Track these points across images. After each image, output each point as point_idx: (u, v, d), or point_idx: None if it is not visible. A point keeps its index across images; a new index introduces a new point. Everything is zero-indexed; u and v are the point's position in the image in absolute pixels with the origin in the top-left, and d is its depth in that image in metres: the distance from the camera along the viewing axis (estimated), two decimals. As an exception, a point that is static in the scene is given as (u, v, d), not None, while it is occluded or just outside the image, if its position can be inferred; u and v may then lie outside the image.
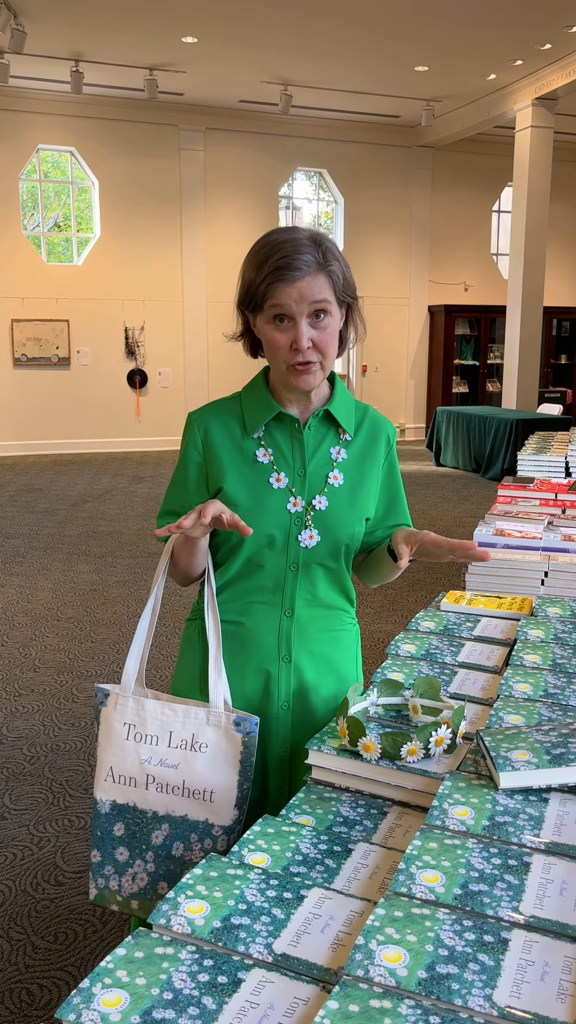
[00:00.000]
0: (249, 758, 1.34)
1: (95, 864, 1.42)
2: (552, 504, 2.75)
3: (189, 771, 1.35)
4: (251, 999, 0.77)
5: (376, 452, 1.54)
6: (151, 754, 1.38)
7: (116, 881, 1.40)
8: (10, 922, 2.32)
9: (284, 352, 1.39)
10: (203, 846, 1.34)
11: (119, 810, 1.40)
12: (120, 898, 1.40)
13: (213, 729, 1.36)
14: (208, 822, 1.34)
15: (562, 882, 0.92)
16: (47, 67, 9.58)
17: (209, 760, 1.35)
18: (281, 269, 1.34)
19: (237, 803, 1.34)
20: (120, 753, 1.40)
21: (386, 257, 12.66)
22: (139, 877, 1.38)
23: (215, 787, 1.34)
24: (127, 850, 1.39)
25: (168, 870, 1.36)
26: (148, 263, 11.52)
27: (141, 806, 1.38)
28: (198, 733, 1.36)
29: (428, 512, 7.82)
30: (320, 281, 1.35)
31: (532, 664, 1.51)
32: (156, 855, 1.37)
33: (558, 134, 11.38)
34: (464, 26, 8.24)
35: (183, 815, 1.35)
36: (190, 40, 8.69)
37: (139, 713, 1.40)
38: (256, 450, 1.48)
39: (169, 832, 1.36)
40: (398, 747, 1.17)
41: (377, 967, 0.79)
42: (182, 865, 1.35)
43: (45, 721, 3.55)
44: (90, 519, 7.47)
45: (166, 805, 1.36)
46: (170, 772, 1.36)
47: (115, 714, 1.41)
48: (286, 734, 1.50)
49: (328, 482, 1.49)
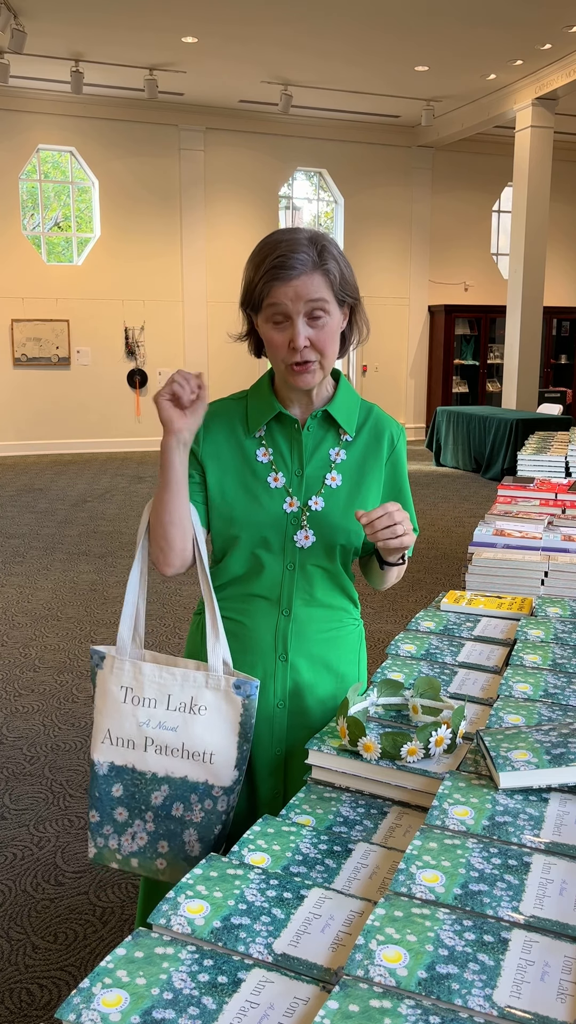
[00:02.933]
0: (249, 720, 1.35)
1: (94, 824, 1.42)
2: (552, 504, 2.75)
3: (188, 733, 1.36)
4: (251, 999, 0.77)
5: (378, 452, 1.53)
6: (149, 717, 1.38)
7: (115, 840, 1.41)
8: (10, 922, 2.32)
9: (283, 351, 1.40)
10: (203, 806, 1.34)
11: (117, 771, 1.40)
12: (120, 857, 1.41)
13: (212, 692, 1.36)
14: (208, 783, 1.35)
15: (562, 882, 0.92)
16: (47, 67, 9.58)
17: (208, 722, 1.35)
18: (276, 268, 1.35)
19: (237, 764, 1.35)
20: (118, 716, 1.41)
21: (386, 257, 12.65)
22: (139, 836, 1.39)
23: (215, 749, 1.34)
24: (126, 810, 1.40)
25: (168, 830, 1.36)
26: (148, 263, 11.51)
27: (140, 768, 1.38)
28: (197, 696, 1.36)
29: (428, 512, 7.82)
30: (316, 280, 1.36)
31: (532, 664, 1.51)
32: (156, 815, 1.37)
33: (558, 134, 11.38)
34: (464, 26, 8.24)
35: (183, 776, 1.36)
36: (190, 40, 8.69)
37: (137, 676, 1.40)
38: (257, 449, 1.49)
39: (169, 793, 1.37)
40: (398, 747, 1.17)
41: (377, 967, 0.79)
42: (183, 825, 1.35)
43: (45, 721, 3.55)
44: (90, 519, 7.47)
45: (165, 767, 1.37)
46: (169, 735, 1.37)
47: (112, 677, 1.42)
48: (281, 734, 1.50)
49: (325, 483, 1.49)
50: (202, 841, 1.35)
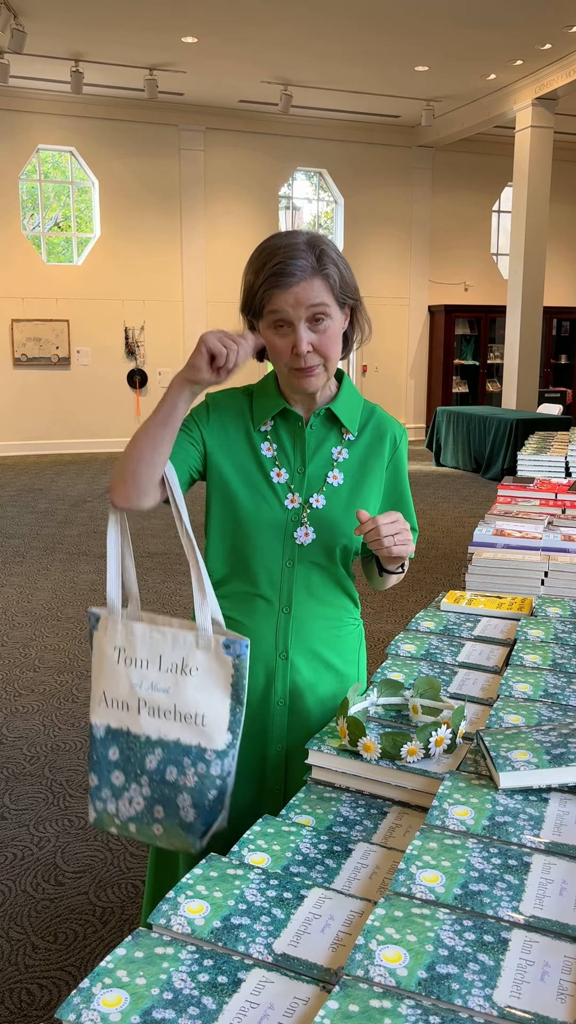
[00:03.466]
0: (240, 681, 1.31)
1: (93, 788, 1.41)
2: (552, 504, 2.75)
3: (180, 695, 1.32)
4: (251, 999, 0.77)
5: (380, 453, 1.54)
6: (142, 678, 1.35)
7: (113, 805, 1.39)
8: (10, 922, 2.32)
9: (286, 356, 1.41)
10: (196, 770, 1.31)
11: (113, 735, 1.39)
12: (118, 821, 1.39)
13: (202, 652, 1.32)
14: (200, 746, 1.31)
15: (562, 882, 0.92)
16: (47, 67, 9.58)
17: (199, 683, 1.32)
18: (276, 276, 1.35)
19: (230, 727, 1.31)
20: (112, 678, 1.38)
21: (386, 257, 12.65)
22: (135, 801, 1.37)
23: (206, 711, 1.31)
24: (122, 774, 1.38)
25: (163, 794, 1.34)
26: (148, 263, 11.51)
27: (134, 731, 1.36)
28: (188, 656, 1.33)
29: (428, 512, 7.82)
30: (316, 285, 1.36)
31: (532, 664, 1.51)
32: (151, 779, 1.35)
33: (558, 134, 11.38)
34: (464, 26, 8.24)
35: (175, 739, 1.32)
36: (190, 40, 8.69)
37: (128, 637, 1.38)
38: (262, 443, 1.49)
39: (163, 757, 1.34)
40: (398, 747, 1.17)
41: (377, 967, 0.79)
42: (176, 790, 1.32)
43: (45, 721, 3.55)
44: (90, 519, 7.47)
45: (158, 729, 1.34)
46: (161, 696, 1.34)
47: (106, 638, 1.40)
48: (282, 731, 1.50)
49: (327, 481, 1.49)
50: (196, 807, 1.31)
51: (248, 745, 1.50)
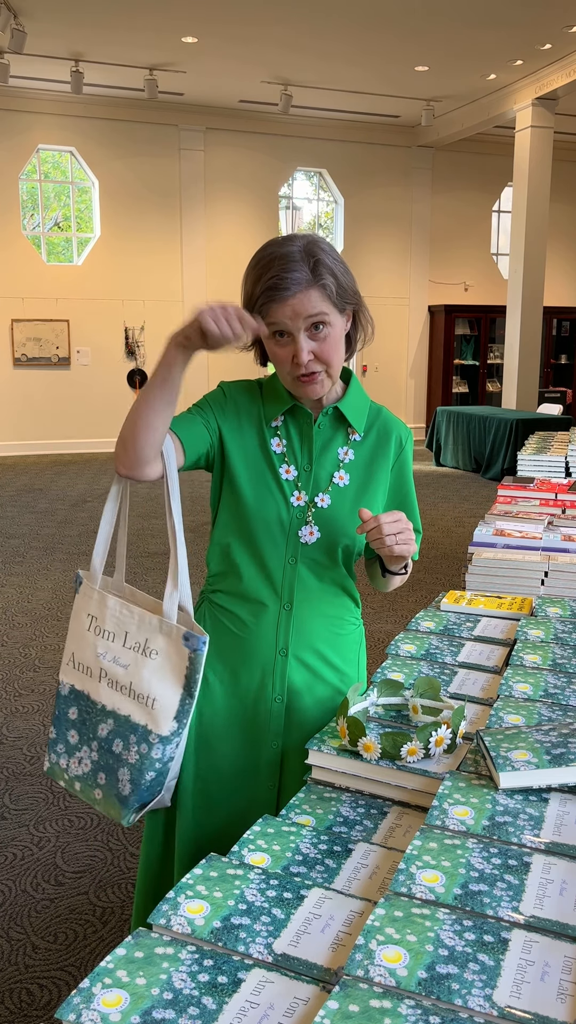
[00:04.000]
0: (194, 675, 1.33)
1: (51, 740, 1.46)
2: (552, 504, 2.75)
3: (137, 674, 1.36)
4: (251, 999, 0.77)
5: (386, 454, 1.54)
6: (107, 649, 1.39)
7: (65, 760, 1.44)
8: (10, 922, 2.32)
9: (287, 365, 1.41)
10: (139, 750, 1.34)
11: (75, 695, 1.43)
12: (67, 777, 1.45)
13: (164, 638, 1.35)
14: (147, 728, 1.34)
15: (562, 882, 0.92)
16: (47, 67, 9.58)
17: (157, 667, 1.35)
18: (272, 289, 1.35)
19: (177, 716, 1.33)
20: (81, 642, 1.42)
21: (386, 257, 12.65)
22: (84, 762, 1.41)
23: (158, 695, 1.34)
24: (77, 734, 1.43)
25: (107, 763, 1.37)
26: (148, 263, 11.51)
27: (93, 697, 1.40)
28: (151, 639, 1.36)
29: (428, 512, 7.82)
30: (313, 295, 1.36)
31: (532, 664, 1.51)
32: (100, 746, 1.39)
33: (558, 134, 11.38)
34: (464, 26, 8.24)
35: (127, 715, 1.36)
36: (190, 40, 8.69)
37: (101, 607, 1.41)
38: (272, 438, 1.50)
39: (113, 728, 1.37)
40: (398, 747, 1.17)
41: (377, 967, 0.79)
42: (119, 762, 1.36)
43: (45, 721, 3.55)
44: (90, 519, 7.47)
45: (114, 702, 1.38)
46: (121, 671, 1.37)
47: (83, 603, 1.43)
48: (278, 729, 1.50)
49: (333, 481, 1.50)
50: (133, 783, 1.34)
51: (244, 742, 1.50)
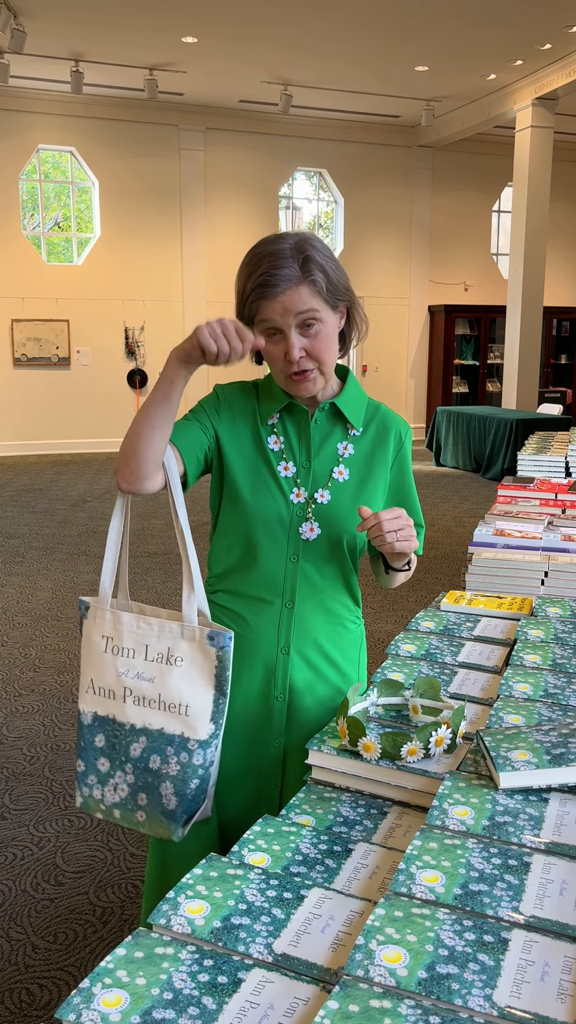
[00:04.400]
0: (224, 672, 1.33)
1: (80, 773, 1.44)
2: (552, 504, 2.75)
3: (165, 685, 1.35)
4: (251, 999, 0.77)
5: (385, 450, 1.54)
6: (128, 667, 1.38)
7: (99, 790, 1.42)
8: (10, 922, 2.32)
9: (280, 363, 1.41)
10: (179, 759, 1.33)
11: (100, 721, 1.41)
12: (103, 807, 1.42)
13: (187, 643, 1.35)
14: (184, 736, 1.33)
15: (562, 882, 0.92)
16: (47, 67, 9.58)
17: (184, 674, 1.34)
18: (262, 286, 1.35)
19: (213, 717, 1.33)
20: (99, 665, 1.41)
21: (386, 257, 12.65)
22: (120, 788, 1.39)
23: (190, 701, 1.33)
24: (108, 761, 1.41)
25: (146, 782, 1.36)
26: (148, 263, 11.51)
27: (120, 719, 1.39)
28: (173, 647, 1.35)
29: (428, 512, 7.82)
30: (303, 292, 1.36)
31: (532, 664, 1.51)
32: (135, 767, 1.37)
33: (558, 134, 11.38)
34: (464, 26, 8.24)
35: (159, 728, 1.35)
36: (190, 40, 8.69)
37: (116, 626, 1.40)
38: (269, 436, 1.50)
39: (147, 745, 1.36)
40: (398, 747, 1.17)
41: (377, 967, 0.79)
42: (159, 778, 1.34)
43: (45, 721, 3.55)
44: (90, 519, 7.47)
45: (143, 718, 1.36)
46: (146, 685, 1.36)
47: (94, 626, 1.42)
48: (281, 728, 1.50)
49: (332, 476, 1.50)
50: (178, 795, 1.33)
51: (247, 741, 1.51)
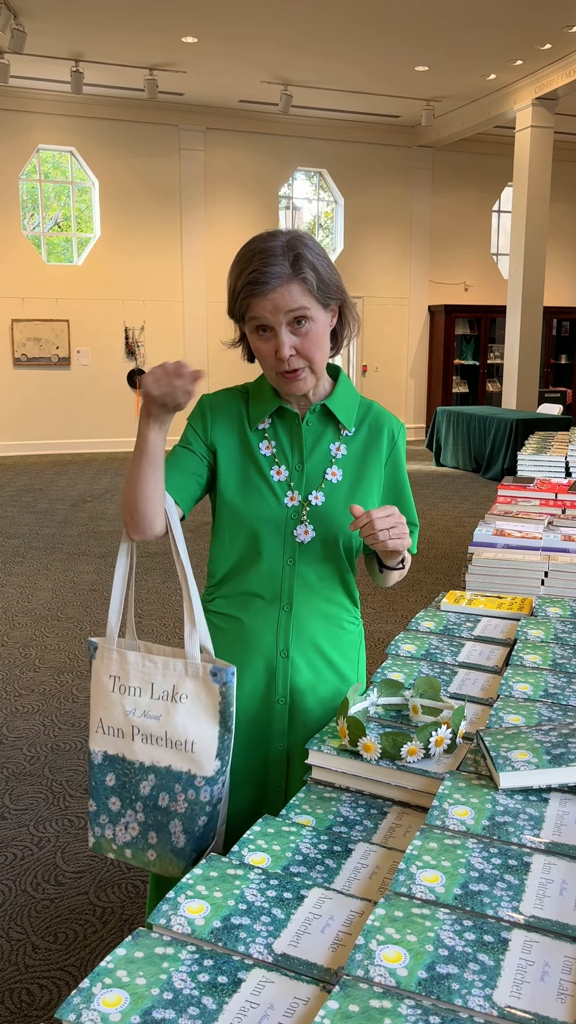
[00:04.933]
0: (228, 708, 1.34)
1: (92, 813, 1.45)
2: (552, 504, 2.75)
3: (170, 722, 1.36)
4: (251, 999, 0.77)
5: (378, 448, 1.54)
6: (135, 706, 1.39)
7: (111, 830, 1.43)
8: (10, 922, 2.32)
9: (270, 361, 1.41)
10: (187, 796, 1.34)
11: (110, 761, 1.42)
12: (115, 847, 1.43)
13: (191, 680, 1.35)
14: (190, 772, 1.34)
15: (562, 882, 0.92)
16: (47, 67, 9.58)
17: (189, 711, 1.35)
18: (252, 284, 1.34)
19: (219, 754, 1.33)
20: (108, 705, 1.42)
21: (386, 257, 12.65)
22: (131, 826, 1.40)
23: (195, 738, 1.34)
24: (119, 800, 1.42)
25: (156, 820, 1.37)
26: (148, 263, 11.52)
27: (129, 757, 1.40)
28: (178, 684, 1.36)
29: (428, 512, 7.82)
30: (293, 290, 1.35)
31: (532, 664, 1.51)
32: (144, 805, 1.38)
33: (558, 134, 11.38)
34: (464, 26, 8.24)
35: (167, 766, 1.36)
36: (190, 40, 8.69)
37: (122, 665, 1.41)
38: (260, 442, 1.49)
39: (155, 783, 1.37)
40: (398, 747, 1.17)
41: (377, 967, 0.79)
42: (168, 816, 1.35)
43: (45, 721, 3.55)
44: (90, 519, 7.47)
45: (151, 756, 1.37)
46: (153, 723, 1.37)
47: (102, 666, 1.44)
48: (283, 730, 1.50)
49: (326, 478, 1.49)
50: (187, 832, 1.34)
51: (249, 744, 1.51)
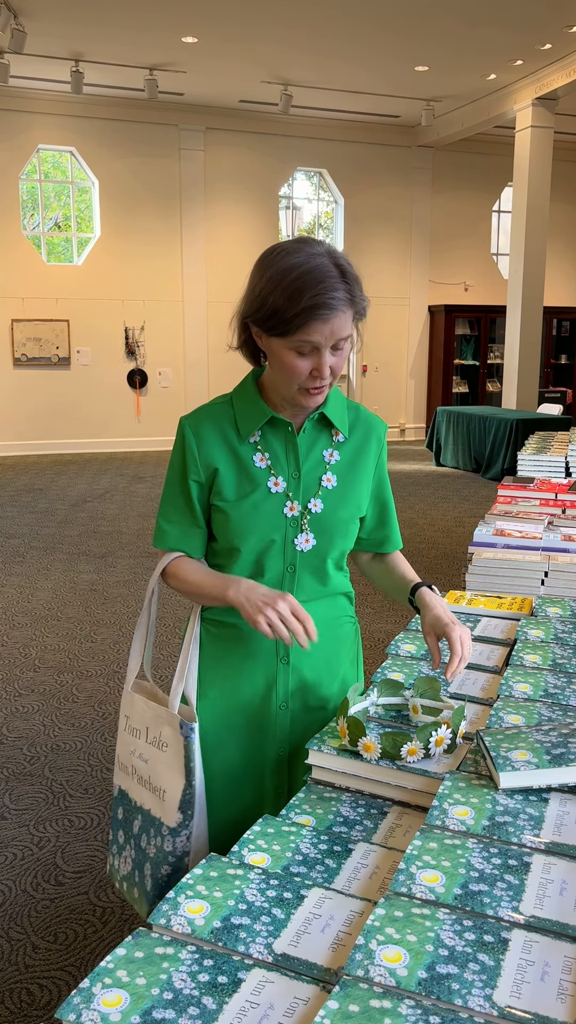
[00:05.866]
0: (189, 763, 1.35)
1: (110, 842, 1.52)
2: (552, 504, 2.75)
3: (154, 768, 1.40)
4: (251, 999, 0.77)
5: (368, 451, 1.54)
6: (136, 746, 1.44)
7: (117, 861, 1.48)
8: (10, 922, 2.32)
9: (301, 377, 1.38)
10: (155, 843, 1.36)
11: (122, 795, 1.48)
12: (118, 877, 1.48)
13: (169, 728, 1.39)
14: (160, 820, 1.37)
15: (562, 882, 0.92)
16: (47, 67, 9.57)
17: (166, 759, 1.39)
18: (318, 308, 1.31)
19: (180, 806, 1.35)
20: (122, 742, 1.49)
21: (386, 257, 12.65)
22: (127, 861, 1.45)
23: (167, 787, 1.37)
24: (123, 833, 1.47)
25: (139, 859, 1.40)
26: (148, 263, 11.51)
27: (131, 794, 1.45)
28: (162, 732, 1.40)
29: (428, 512, 7.82)
30: (348, 317, 1.35)
31: (532, 664, 1.51)
32: (135, 843, 1.42)
33: (558, 134, 11.38)
34: (464, 26, 8.24)
35: (148, 809, 1.40)
36: (190, 40, 8.69)
37: (131, 706, 1.47)
38: (253, 455, 1.46)
39: (141, 823, 1.41)
40: (398, 747, 1.17)
41: (377, 967, 0.79)
42: (145, 857, 1.39)
43: (45, 721, 3.55)
44: (90, 519, 7.47)
45: (140, 797, 1.42)
46: (143, 766, 1.42)
47: (123, 704, 1.51)
48: (284, 735, 1.50)
49: (322, 485, 1.48)
50: (153, 877, 1.36)
51: (250, 748, 1.51)
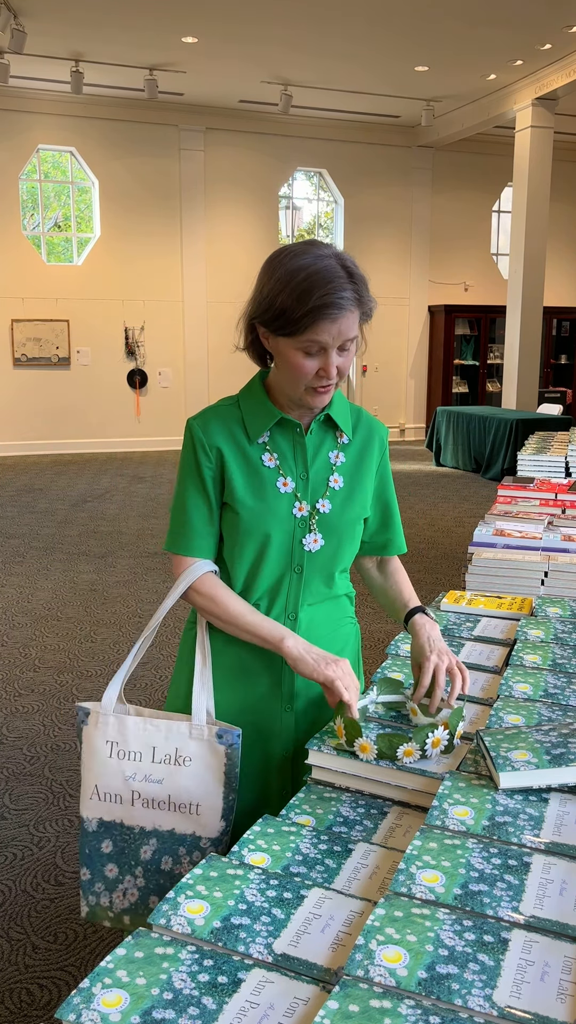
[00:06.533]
0: (233, 770, 1.35)
1: (85, 882, 1.43)
2: (552, 504, 2.75)
3: (174, 785, 1.36)
4: (251, 999, 0.77)
5: (371, 454, 1.55)
6: (135, 770, 1.39)
7: (107, 898, 1.41)
8: (10, 922, 2.32)
9: (308, 377, 1.38)
10: (192, 859, 1.35)
11: (106, 827, 1.41)
12: (112, 914, 1.41)
13: (196, 743, 1.37)
14: (195, 835, 1.35)
15: (562, 882, 0.92)
16: (47, 67, 9.57)
17: (193, 774, 1.36)
18: (326, 307, 1.32)
19: (223, 815, 1.35)
20: (104, 771, 1.41)
21: (386, 257, 12.65)
22: (129, 892, 1.40)
23: (200, 800, 1.35)
24: (116, 866, 1.41)
25: (158, 884, 1.37)
26: (148, 263, 11.51)
27: (128, 823, 1.39)
28: (181, 747, 1.37)
29: (428, 512, 7.82)
30: (355, 317, 1.37)
31: (532, 664, 1.51)
32: (145, 870, 1.38)
33: (558, 134, 11.37)
34: (464, 26, 8.24)
35: (170, 829, 1.37)
36: (190, 40, 8.69)
37: (121, 730, 1.41)
38: (262, 455, 1.47)
39: (157, 847, 1.37)
40: (394, 748, 1.17)
41: (377, 967, 0.79)
42: (171, 878, 1.36)
43: (45, 721, 3.55)
44: (90, 519, 7.47)
45: (153, 820, 1.38)
46: (155, 787, 1.38)
47: (96, 732, 1.42)
48: (288, 734, 1.50)
49: (329, 486, 1.49)
50: None
51: (254, 750, 1.51)
